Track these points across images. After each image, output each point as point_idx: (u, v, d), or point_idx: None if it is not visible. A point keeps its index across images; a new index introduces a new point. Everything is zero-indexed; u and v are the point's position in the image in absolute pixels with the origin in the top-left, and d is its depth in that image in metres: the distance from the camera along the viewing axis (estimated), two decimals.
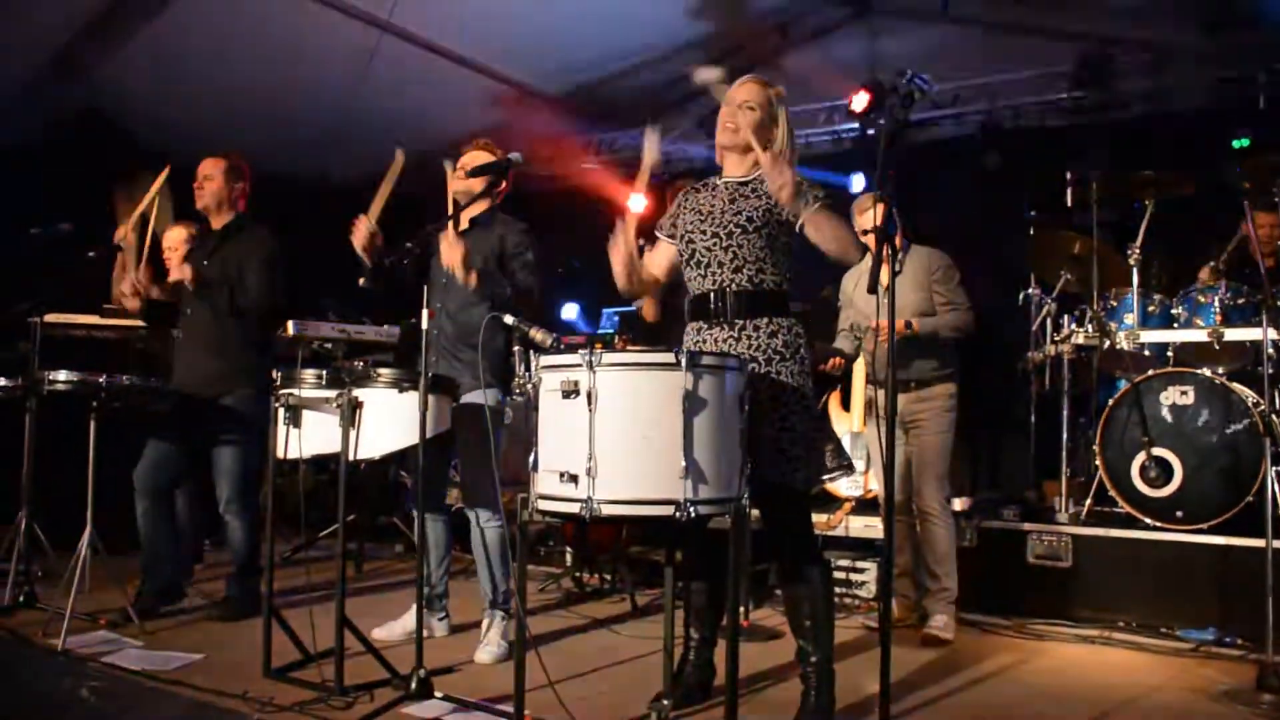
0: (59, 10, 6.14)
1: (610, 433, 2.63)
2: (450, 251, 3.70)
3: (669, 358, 2.65)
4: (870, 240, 2.83)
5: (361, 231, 3.76)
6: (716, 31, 7.39)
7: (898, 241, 4.32)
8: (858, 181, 7.10)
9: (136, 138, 6.84)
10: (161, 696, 3.28)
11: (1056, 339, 5.26)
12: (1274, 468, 4.19)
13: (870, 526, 4.84)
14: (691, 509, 2.61)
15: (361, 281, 4.02)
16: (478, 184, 3.81)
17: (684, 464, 2.60)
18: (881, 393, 3.95)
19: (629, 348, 4.52)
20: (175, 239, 4.85)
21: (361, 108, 6.92)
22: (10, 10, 5.96)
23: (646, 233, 3.45)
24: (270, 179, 5.08)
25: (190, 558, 4.84)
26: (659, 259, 3.37)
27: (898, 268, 4.24)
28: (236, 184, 4.52)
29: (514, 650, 2.99)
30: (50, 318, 4.96)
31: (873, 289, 2.65)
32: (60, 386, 4.02)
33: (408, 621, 3.93)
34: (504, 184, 4.00)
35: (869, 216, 4.25)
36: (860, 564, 4.82)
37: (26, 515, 4.31)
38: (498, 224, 4.02)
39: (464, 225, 4.02)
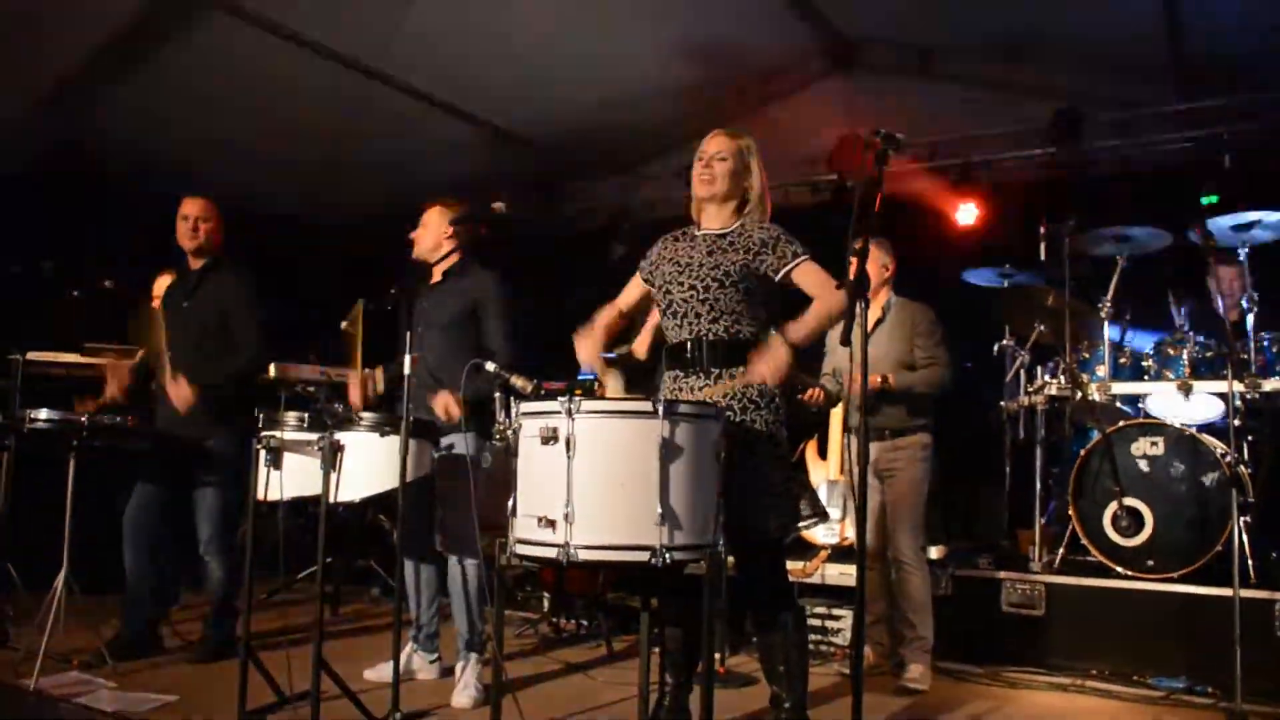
0: (49, 48, 6.19)
1: (588, 479, 2.67)
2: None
3: (646, 406, 2.70)
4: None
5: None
6: (699, 81, 7.52)
7: (884, 294, 4.43)
8: None
9: (122, 177, 6.88)
10: None
11: (1030, 390, 5.35)
12: (1242, 518, 4.26)
13: (846, 574, 4.87)
14: (667, 555, 2.65)
15: (344, 325, 4.07)
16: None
17: (660, 511, 2.64)
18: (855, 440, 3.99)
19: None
20: (160, 287, 4.86)
21: (347, 151, 6.99)
22: None
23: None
24: (254, 220, 5.13)
25: (167, 598, 4.80)
26: (631, 293, 3.42)
27: (881, 315, 4.38)
28: (220, 224, 4.58)
29: (490, 695, 3.00)
30: (32, 355, 4.96)
31: (845, 341, 2.69)
32: (41, 425, 3.99)
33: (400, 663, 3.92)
34: (469, 234, 4.05)
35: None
36: (836, 611, 4.84)
37: (0, 553, 4.28)
38: (470, 275, 4.06)
39: (436, 278, 4.08)
